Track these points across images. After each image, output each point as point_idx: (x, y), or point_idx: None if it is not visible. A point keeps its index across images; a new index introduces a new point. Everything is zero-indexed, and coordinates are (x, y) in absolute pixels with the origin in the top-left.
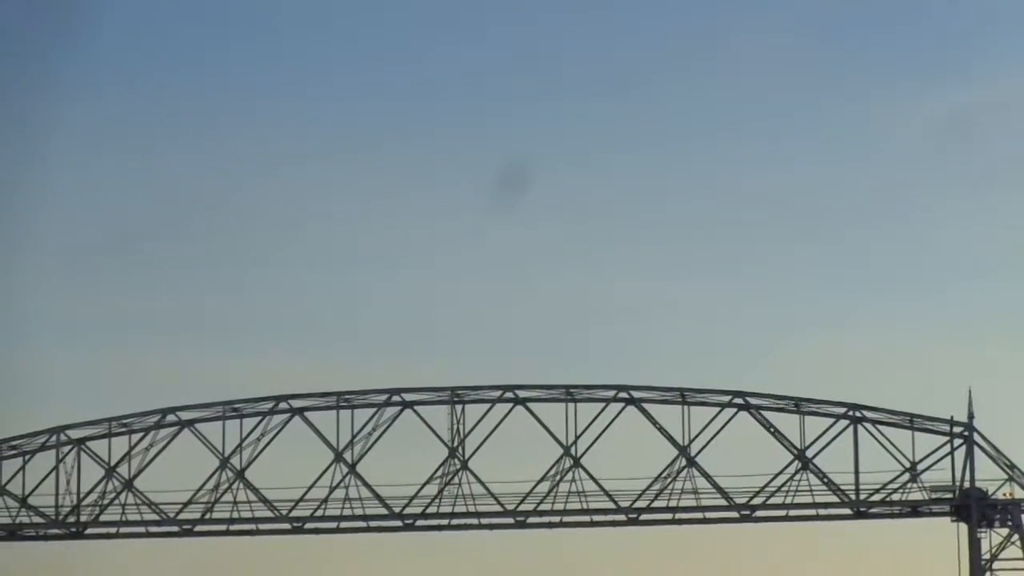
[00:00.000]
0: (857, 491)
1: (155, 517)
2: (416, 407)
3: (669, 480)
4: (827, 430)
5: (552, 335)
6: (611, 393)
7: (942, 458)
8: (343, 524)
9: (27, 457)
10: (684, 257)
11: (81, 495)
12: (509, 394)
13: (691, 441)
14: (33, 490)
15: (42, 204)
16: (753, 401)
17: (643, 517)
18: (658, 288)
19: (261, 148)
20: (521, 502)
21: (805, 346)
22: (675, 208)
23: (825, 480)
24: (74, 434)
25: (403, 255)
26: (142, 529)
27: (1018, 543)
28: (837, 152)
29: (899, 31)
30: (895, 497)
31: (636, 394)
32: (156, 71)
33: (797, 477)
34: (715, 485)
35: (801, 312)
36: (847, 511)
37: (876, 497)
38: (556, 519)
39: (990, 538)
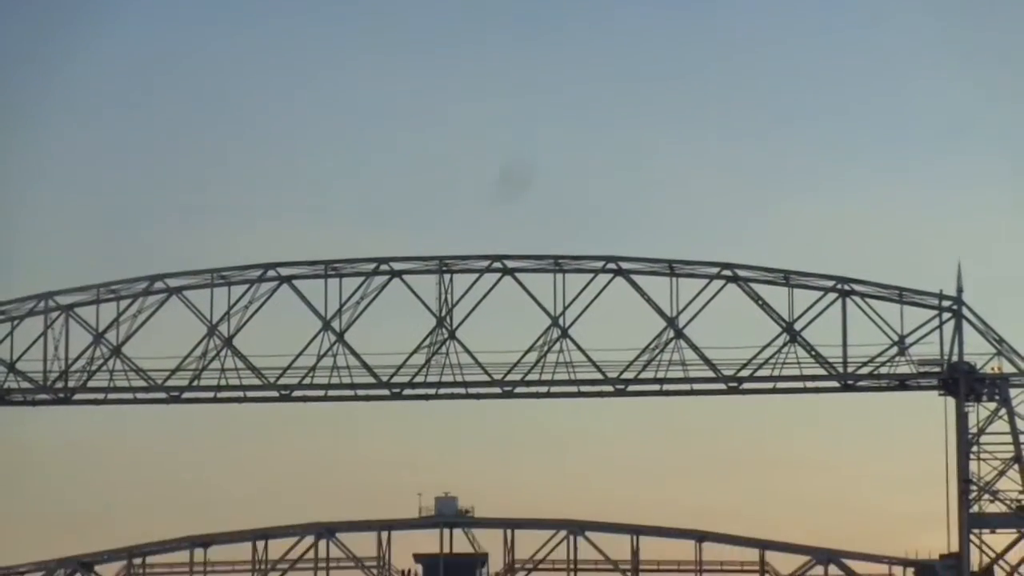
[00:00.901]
0: (845, 364)
1: (143, 384)
2: (404, 276)
3: (657, 351)
4: (816, 303)
5: (541, 205)
6: (599, 264)
7: (930, 332)
8: (330, 392)
9: (15, 322)
10: (674, 129)
11: (69, 361)
12: (497, 264)
13: (679, 313)
14: (21, 355)
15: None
16: (742, 273)
17: (630, 388)
18: (648, 159)
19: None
20: (508, 372)
21: (795, 219)
22: (665, 80)
23: (813, 353)
24: (63, 300)
25: (395, 123)
26: (130, 395)
27: (1005, 417)
28: (831, 22)
29: None
30: (883, 370)
31: (624, 265)
32: None
33: (785, 350)
34: (703, 357)
35: (791, 184)
36: (835, 384)
37: (864, 370)
38: (543, 389)
39: (977, 412)
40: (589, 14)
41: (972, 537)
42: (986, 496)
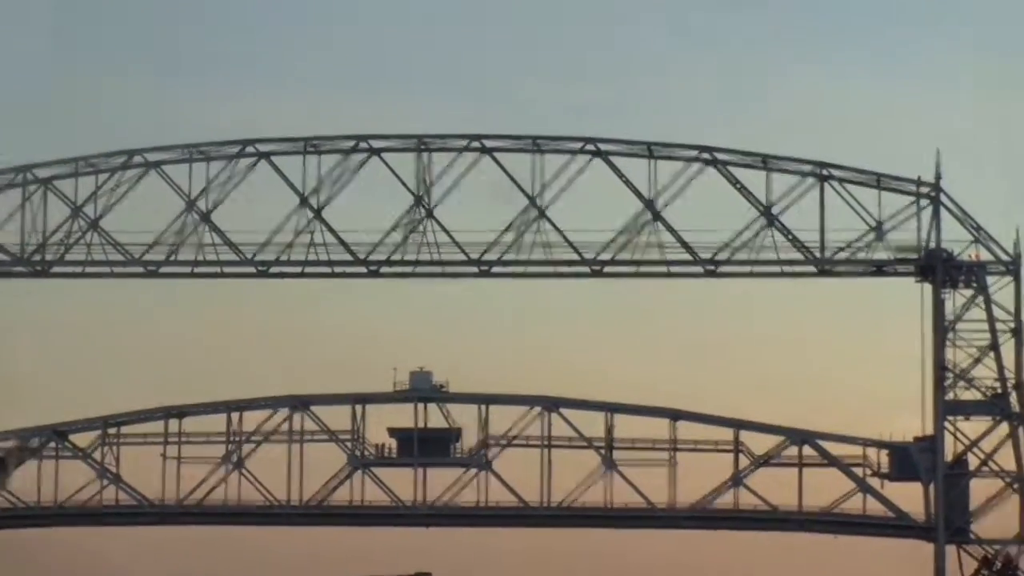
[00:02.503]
0: (822, 249)
1: (120, 257)
2: (383, 154)
3: (634, 233)
4: (794, 188)
5: (521, 85)
6: (578, 145)
7: (908, 218)
8: (307, 269)
9: None
10: (654, 10)
11: (47, 234)
12: (476, 143)
13: (657, 195)
14: None
15: None
16: (720, 156)
17: (607, 270)
18: (629, 42)
19: None
20: (485, 251)
21: (773, 102)
22: None
23: (790, 237)
24: (41, 173)
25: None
26: (107, 269)
27: (982, 305)
28: None
29: None
30: (860, 256)
31: (603, 147)
32: None
33: (762, 233)
34: (680, 240)
35: (771, 68)
36: (812, 268)
37: (841, 255)
38: (520, 269)
39: (954, 299)
40: None
41: (947, 424)
42: (961, 383)
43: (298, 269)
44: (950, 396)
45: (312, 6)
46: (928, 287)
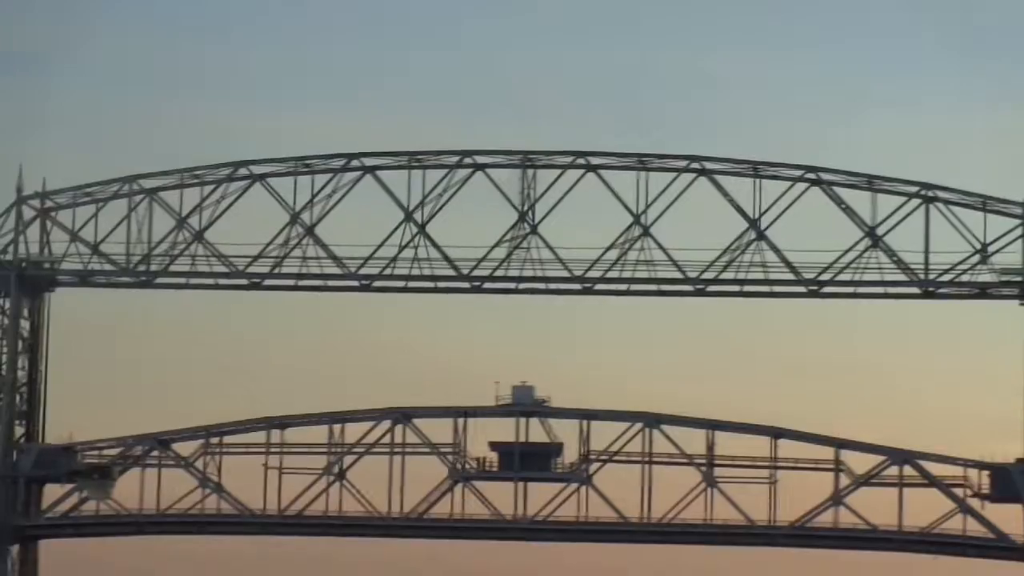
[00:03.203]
0: (926, 270)
1: (224, 269)
2: (487, 170)
3: (738, 252)
4: (899, 208)
5: (626, 103)
6: (683, 163)
7: (1013, 241)
8: (411, 284)
9: (100, 205)
10: (761, 30)
11: (152, 245)
12: (581, 160)
13: (762, 215)
14: (105, 238)
15: None
16: (825, 176)
17: (711, 288)
18: (734, 60)
19: None
20: (589, 268)
21: (880, 123)
22: None
23: (895, 258)
24: (147, 184)
25: (479, 17)
26: (211, 281)
27: None
28: None
29: None
30: (964, 278)
31: (708, 165)
32: None
33: (867, 254)
34: (784, 259)
35: (877, 88)
36: (915, 290)
37: (945, 277)
38: (623, 287)
39: None
40: None
41: None
42: None
43: (401, 283)
44: None
45: (411, 24)
46: None
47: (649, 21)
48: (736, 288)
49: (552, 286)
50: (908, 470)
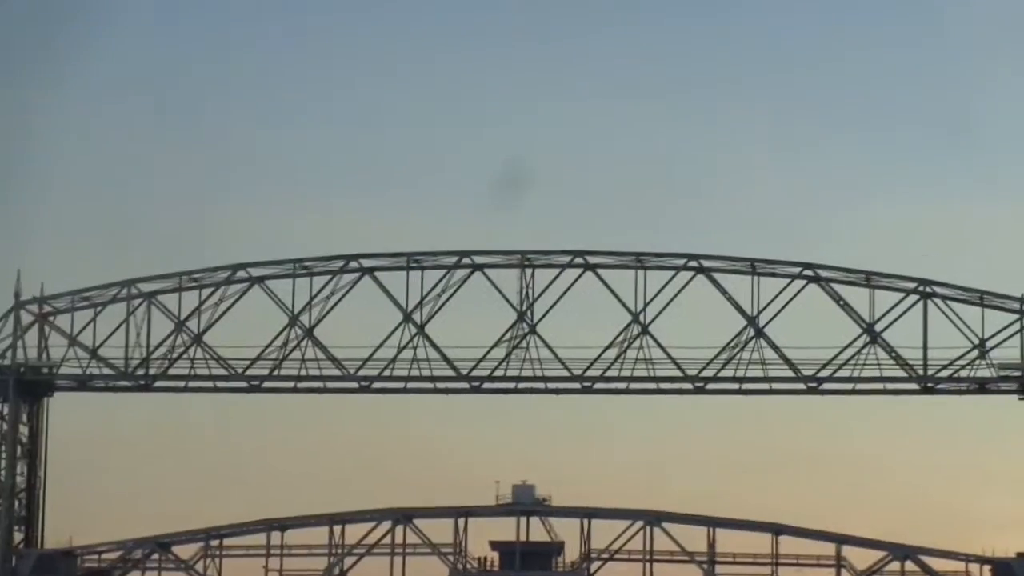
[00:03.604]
0: (925, 366)
1: (223, 372)
2: (486, 270)
3: (737, 350)
4: (897, 304)
5: (623, 202)
6: (681, 261)
7: (1012, 336)
8: (410, 384)
9: (98, 309)
10: (758, 129)
11: (151, 348)
12: (579, 259)
13: (760, 312)
14: (103, 342)
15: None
16: (823, 273)
17: (710, 386)
18: (731, 158)
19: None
20: (588, 367)
21: (876, 219)
22: (749, 81)
23: (893, 354)
24: (145, 287)
25: (474, 116)
26: (210, 384)
27: None
28: (911, 25)
29: None
30: (963, 373)
31: (706, 263)
32: None
33: (865, 351)
34: (782, 356)
35: (873, 185)
36: (914, 386)
37: (944, 373)
38: (623, 385)
39: None
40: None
41: None
42: None
43: (401, 384)
44: None
45: (412, 123)
46: None
47: (644, 119)
48: (735, 386)
49: (551, 385)
50: (910, 565)
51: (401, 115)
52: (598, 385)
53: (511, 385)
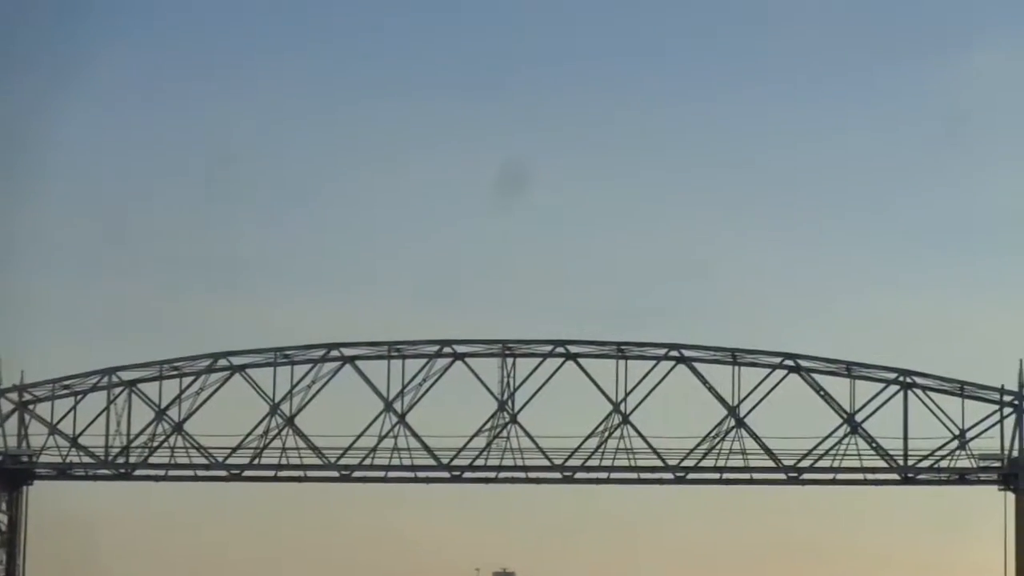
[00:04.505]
0: (905, 457)
1: (204, 461)
2: (467, 359)
3: (717, 440)
4: (877, 395)
5: (603, 292)
6: (662, 351)
7: (991, 427)
8: (391, 474)
9: (79, 397)
10: (736, 218)
11: (131, 437)
12: (560, 349)
13: (740, 402)
14: (84, 430)
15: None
16: (804, 363)
17: (690, 476)
18: (710, 248)
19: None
20: (569, 457)
21: (856, 310)
22: (727, 170)
23: (874, 445)
24: (126, 376)
25: (454, 206)
26: (191, 472)
27: None
28: (887, 117)
29: None
30: (943, 464)
31: (687, 353)
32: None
33: (846, 441)
34: (763, 446)
35: (853, 276)
36: (895, 476)
37: (924, 463)
38: (604, 475)
39: None
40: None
41: None
42: None
43: (381, 474)
44: None
45: (388, 216)
46: (1011, 496)
47: (624, 209)
48: (716, 476)
49: (532, 475)
50: None
51: (382, 204)
52: (579, 475)
53: (492, 474)
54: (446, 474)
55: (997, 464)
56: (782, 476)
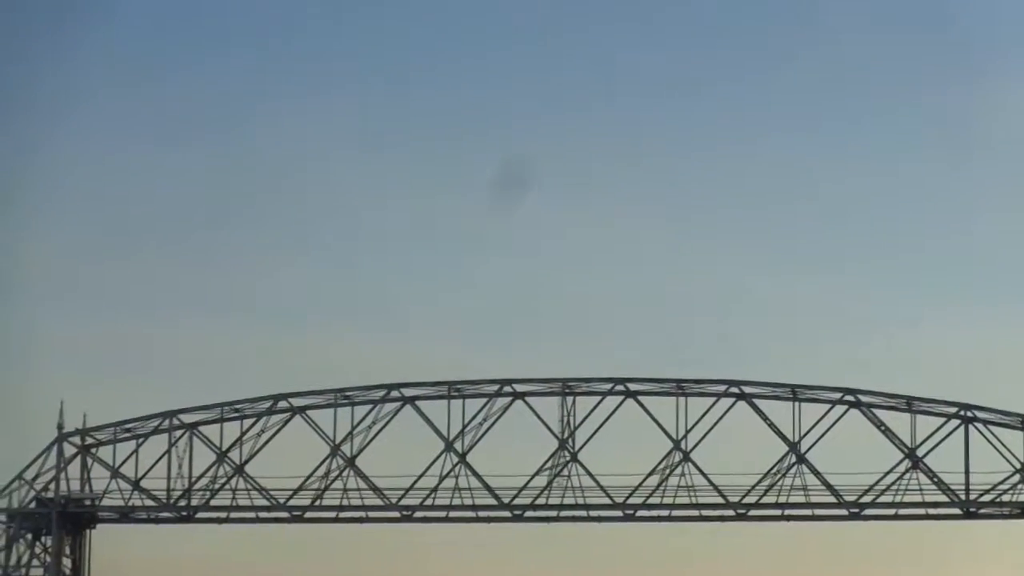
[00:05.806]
0: (967, 491)
1: (265, 502)
2: (527, 398)
3: (778, 476)
4: (938, 429)
5: (663, 328)
6: (722, 388)
7: None
8: (452, 513)
9: (140, 440)
10: (796, 252)
11: (192, 479)
12: (620, 387)
13: (801, 438)
14: (145, 473)
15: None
16: (864, 399)
17: (752, 513)
18: (770, 283)
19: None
20: (630, 495)
21: (918, 344)
22: (786, 203)
23: (935, 479)
24: (187, 418)
25: (511, 243)
26: (252, 514)
27: None
28: (946, 144)
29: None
30: (1006, 498)
31: (747, 389)
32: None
33: (907, 476)
34: (824, 482)
35: (915, 309)
36: (957, 511)
37: (986, 498)
38: (665, 513)
39: None
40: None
41: None
42: None
43: (443, 513)
44: None
45: (447, 255)
46: None
47: (683, 245)
48: (777, 512)
49: (593, 513)
50: None
51: (441, 242)
52: (640, 513)
53: (553, 513)
54: (507, 513)
55: None
56: (844, 512)
